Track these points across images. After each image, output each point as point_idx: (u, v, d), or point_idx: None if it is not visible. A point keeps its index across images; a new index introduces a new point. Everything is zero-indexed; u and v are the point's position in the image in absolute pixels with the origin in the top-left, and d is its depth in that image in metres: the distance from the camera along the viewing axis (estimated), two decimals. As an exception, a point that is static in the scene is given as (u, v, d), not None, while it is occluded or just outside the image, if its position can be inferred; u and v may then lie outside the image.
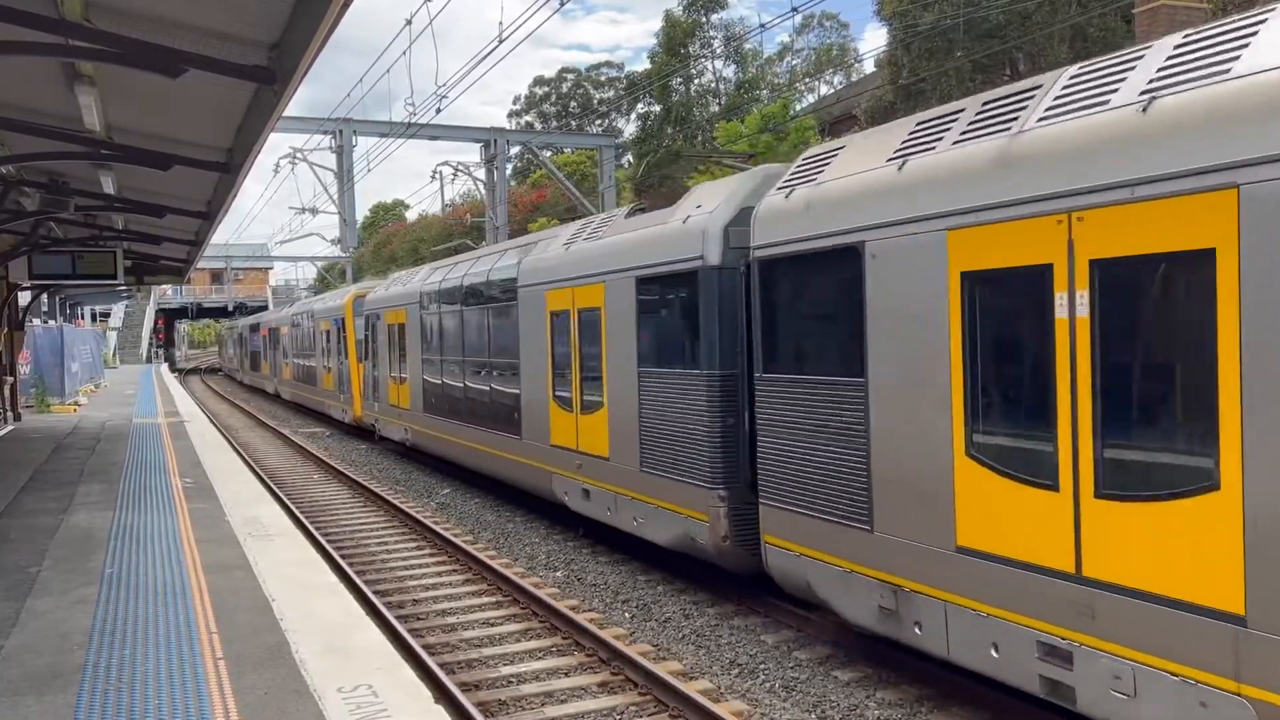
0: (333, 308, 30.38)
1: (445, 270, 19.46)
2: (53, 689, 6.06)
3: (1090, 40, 26.90)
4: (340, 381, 29.05)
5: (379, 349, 23.67)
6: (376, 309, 23.90)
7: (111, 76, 8.69)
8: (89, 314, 58.77)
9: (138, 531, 10.71)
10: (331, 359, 30.33)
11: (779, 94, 47.23)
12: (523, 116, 73.33)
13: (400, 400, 21.74)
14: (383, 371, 23.39)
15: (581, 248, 13.08)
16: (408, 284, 21.71)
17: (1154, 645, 5.64)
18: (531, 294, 14.43)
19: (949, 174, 7.02)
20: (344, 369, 28.40)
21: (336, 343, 29.28)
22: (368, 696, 5.86)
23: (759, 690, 8.33)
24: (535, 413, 14.41)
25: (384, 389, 23.26)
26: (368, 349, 24.98)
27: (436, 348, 19.22)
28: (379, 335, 23.55)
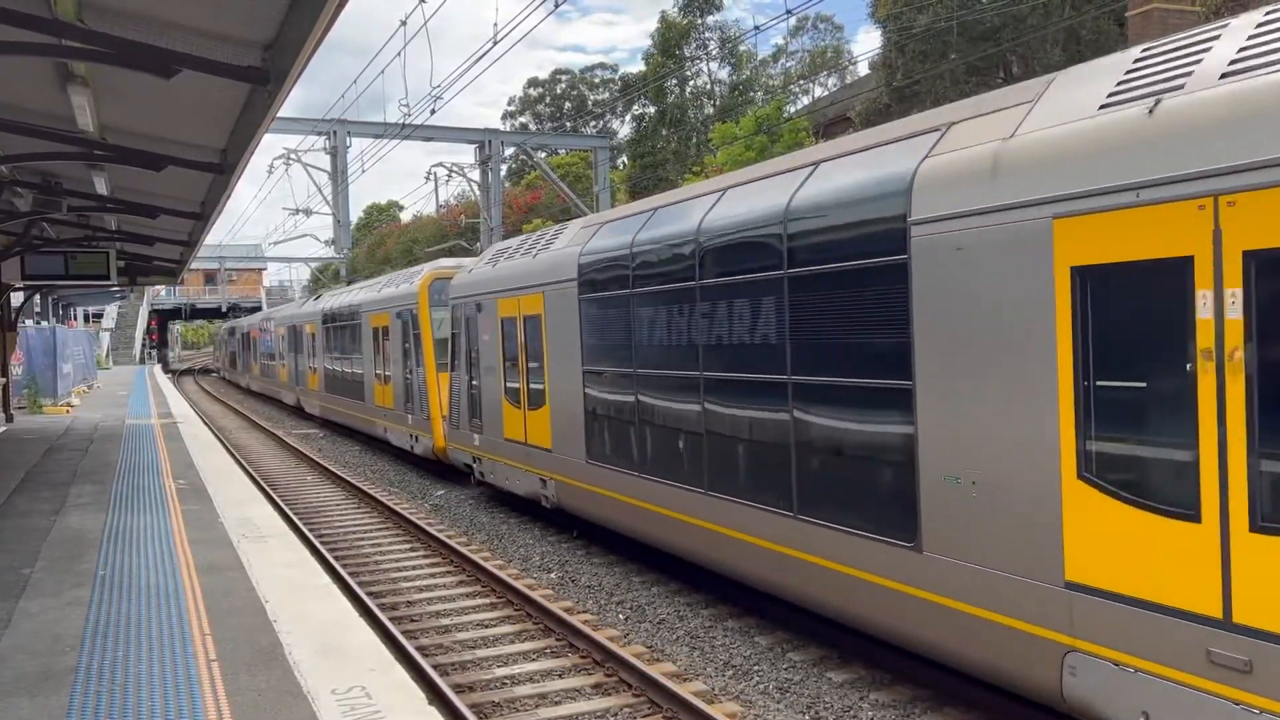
0: (394, 297, 22.50)
1: (641, 220, 11.38)
2: (45, 690, 6.04)
3: (1083, 43, 26.97)
4: (406, 397, 21.24)
5: (483, 352, 15.93)
6: (478, 294, 16.10)
7: (105, 77, 8.67)
8: (82, 315, 58.60)
9: (131, 533, 10.69)
10: (390, 365, 22.62)
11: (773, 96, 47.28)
12: (517, 118, 73.32)
13: (532, 434, 14.07)
14: (490, 386, 15.67)
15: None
16: (548, 250, 13.69)
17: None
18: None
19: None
20: (414, 380, 20.69)
21: (400, 343, 21.63)
22: (361, 698, 5.85)
23: (753, 691, 8.34)
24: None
25: (493, 413, 15.52)
26: (460, 352, 17.13)
27: (624, 352, 11.40)
28: (481, 332, 16.00)
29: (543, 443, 13.72)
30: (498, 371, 15.34)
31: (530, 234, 15.76)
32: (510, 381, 14.90)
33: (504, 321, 15.01)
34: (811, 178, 8.60)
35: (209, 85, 8.46)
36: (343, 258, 52.05)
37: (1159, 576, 5.50)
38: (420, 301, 20.50)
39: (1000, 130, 6.77)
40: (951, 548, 6.92)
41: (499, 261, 15.68)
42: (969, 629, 6.80)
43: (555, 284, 13.10)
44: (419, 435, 20.65)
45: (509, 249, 15.89)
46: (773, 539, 8.85)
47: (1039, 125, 6.45)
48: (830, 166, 8.51)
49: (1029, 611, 6.33)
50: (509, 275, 14.88)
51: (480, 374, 16.14)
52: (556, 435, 13.30)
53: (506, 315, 14.87)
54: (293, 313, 37.80)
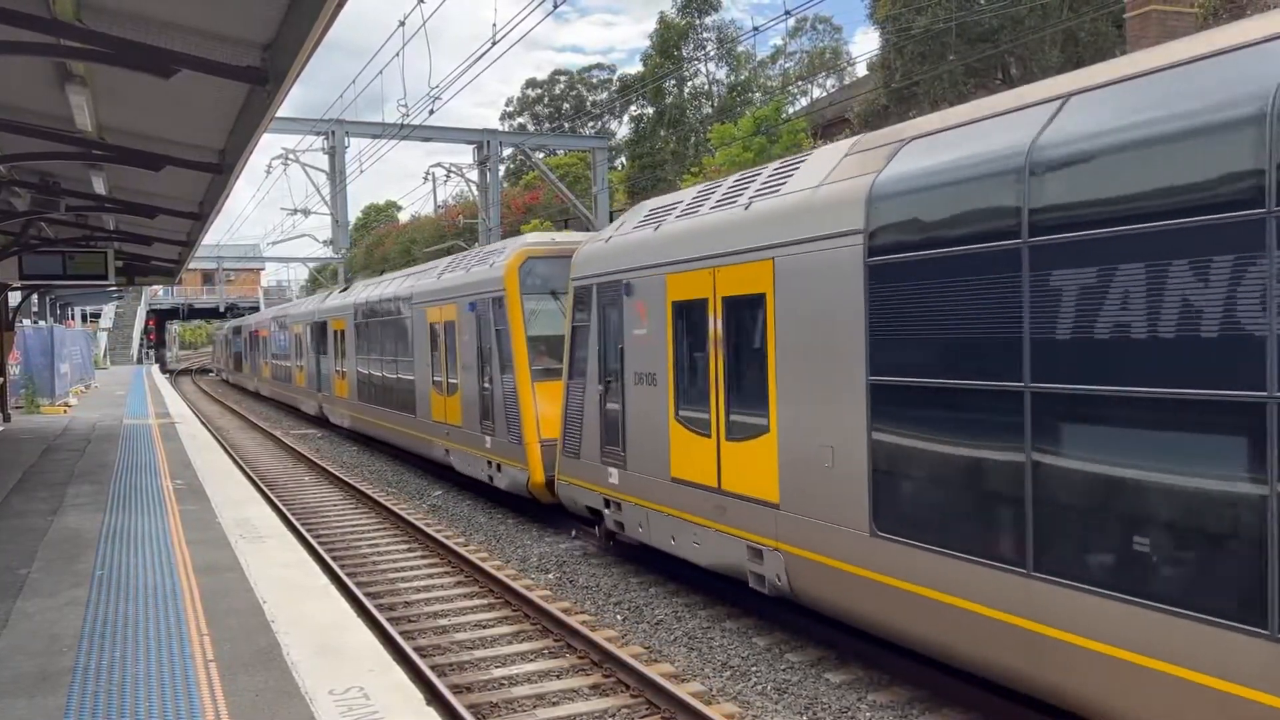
0: (464, 284, 17.47)
1: (1047, 113, 6.61)
2: (42, 691, 6.03)
3: (1081, 45, 27.01)
4: (484, 412, 16.44)
5: (633, 353, 11.50)
6: (624, 271, 11.61)
7: (103, 76, 8.67)
8: (79, 314, 58.57)
9: (128, 533, 10.68)
10: (458, 370, 17.75)
11: (771, 97, 47.32)
12: (516, 118, 73.31)
13: (735, 477, 9.61)
14: (647, 402, 11.18)
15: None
16: (779, 195, 9.18)
17: None
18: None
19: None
20: (495, 390, 15.84)
21: (476, 342, 16.76)
22: (359, 699, 5.85)
23: (751, 693, 8.34)
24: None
25: (651, 441, 11.10)
26: (586, 354, 12.65)
27: (1000, 356, 6.64)
28: (630, 325, 11.50)
29: (759, 492, 9.08)
30: (663, 381, 10.70)
31: (711, 183, 11.10)
32: (690, 397, 10.31)
33: (680, 309, 10.44)
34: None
35: (208, 85, 8.46)
36: (340, 258, 52.04)
37: None
38: (508, 288, 15.37)
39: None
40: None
41: (662, 222, 11.06)
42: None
43: (804, 245, 8.39)
44: (504, 463, 15.44)
45: (676, 204, 11.27)
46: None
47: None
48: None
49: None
50: (686, 239, 10.34)
51: (626, 384, 11.48)
52: (793, 483, 8.67)
53: (685, 299, 10.29)
54: (314, 307, 32.21)
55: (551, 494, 14.11)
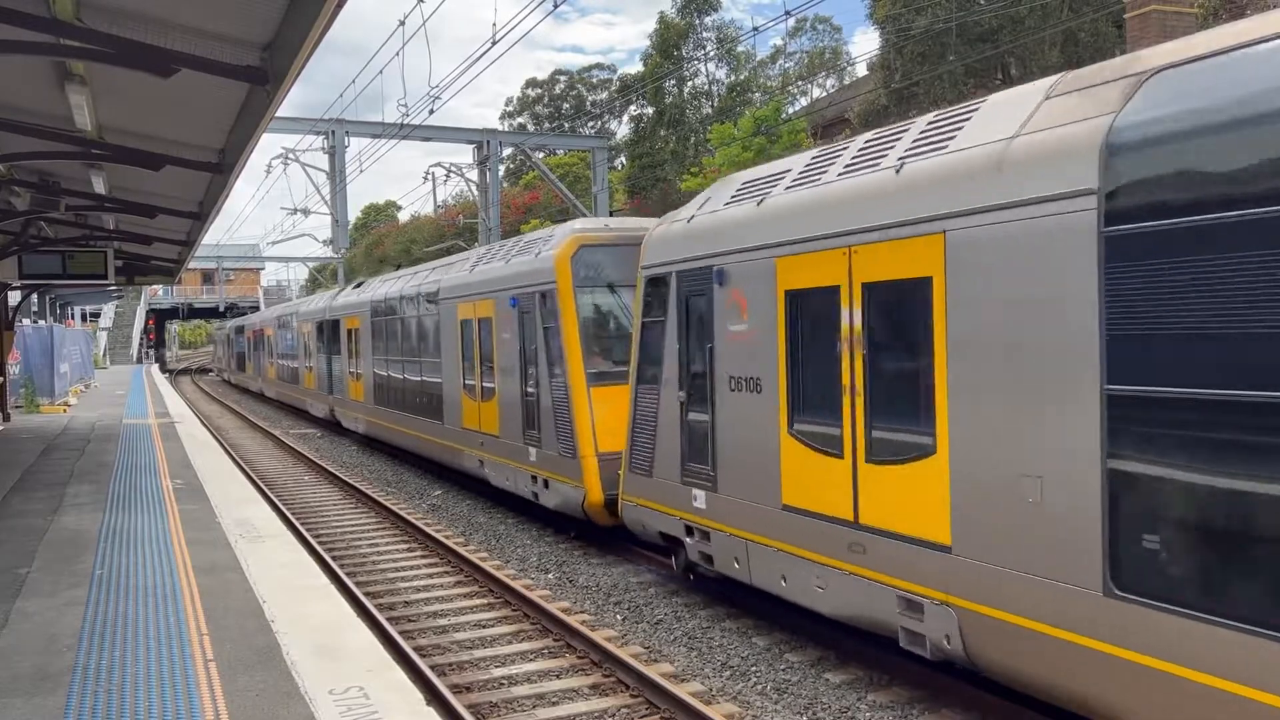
0: (504, 276, 15.44)
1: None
2: (42, 691, 6.03)
3: (1081, 45, 27.02)
4: (528, 420, 14.55)
5: (726, 353, 9.71)
6: (714, 256, 9.85)
7: (103, 76, 8.67)
8: (79, 314, 58.57)
9: (128, 533, 10.68)
10: (497, 373, 15.70)
11: (771, 97, 47.34)
12: (515, 118, 73.34)
13: (878, 508, 7.79)
14: (745, 411, 9.42)
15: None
16: (1021, 140, 6.69)
17: None
18: None
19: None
20: (542, 395, 13.93)
21: (519, 341, 14.78)
22: (359, 698, 5.85)
23: (751, 692, 8.34)
24: None
25: (752, 458, 9.31)
26: (662, 355, 10.77)
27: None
28: (723, 319, 9.71)
29: (918, 529, 7.23)
30: (772, 388, 8.85)
31: (827, 147, 9.36)
32: (811, 407, 8.48)
33: (796, 299, 8.61)
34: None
35: (207, 85, 8.47)
36: (340, 258, 52.02)
37: None
38: (559, 280, 13.43)
39: None
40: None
41: (767, 195, 9.19)
42: None
43: (993, 214, 6.61)
44: (553, 479, 13.64)
45: (782, 173, 9.39)
46: None
47: None
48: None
49: None
50: (805, 214, 8.53)
51: (717, 391, 9.66)
52: (973, 521, 6.80)
53: (804, 286, 8.45)
54: (324, 304, 30.32)
55: (612, 516, 12.36)
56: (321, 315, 30.32)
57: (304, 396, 34.12)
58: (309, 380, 32.89)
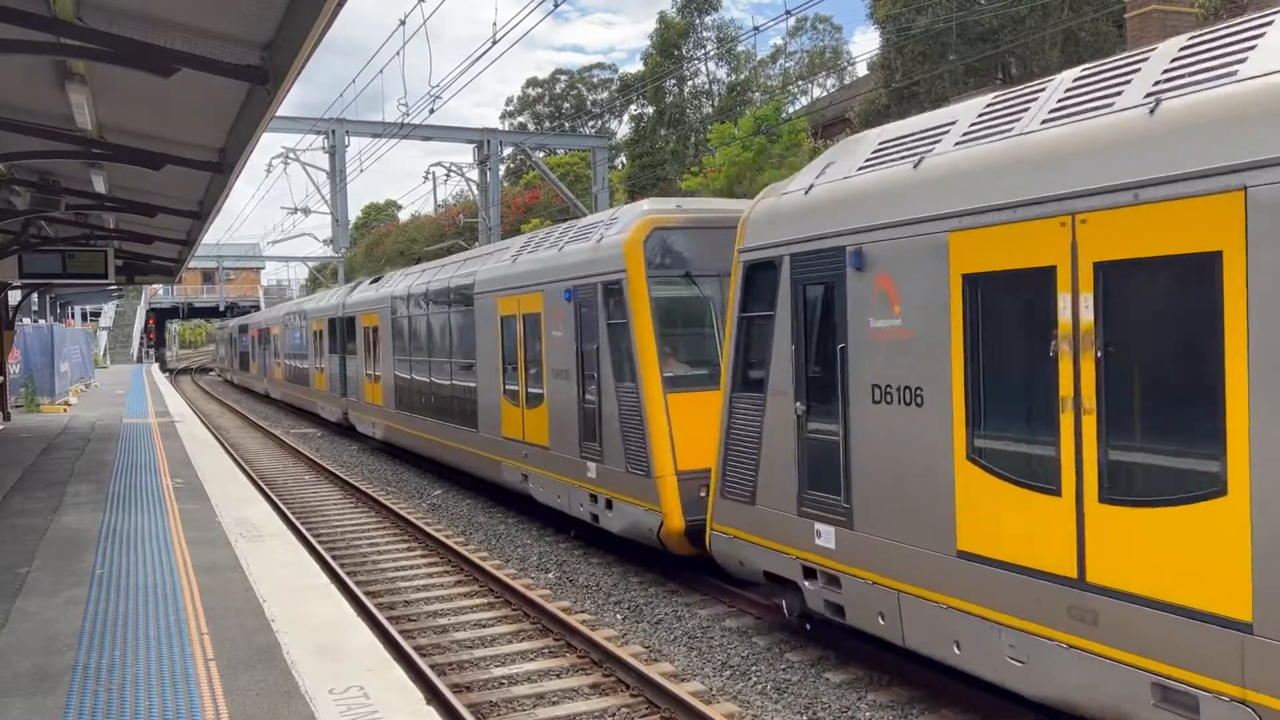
0: (559, 266, 13.45)
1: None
2: (42, 690, 6.03)
3: (1082, 45, 27.01)
4: (586, 430, 12.67)
5: (875, 356, 7.76)
6: (855, 233, 7.85)
7: (103, 75, 8.67)
8: (79, 313, 58.59)
9: (128, 532, 10.68)
10: (547, 377, 13.79)
11: (772, 96, 47.33)
12: (516, 118, 73.34)
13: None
14: (904, 425, 7.45)
15: None
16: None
17: None
18: None
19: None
20: (605, 401, 12.16)
21: (575, 340, 12.86)
22: (359, 698, 5.84)
23: (751, 692, 8.34)
24: None
25: (913, 486, 7.37)
26: (768, 356, 9.03)
27: None
28: (862, 312, 7.86)
29: (1196, 597, 5.49)
30: (940, 398, 7.05)
31: (1022, 88, 7.24)
32: (1004, 425, 6.74)
33: (980, 285, 6.78)
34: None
35: (208, 84, 8.47)
36: (340, 257, 52.03)
37: None
38: (630, 269, 11.56)
39: None
40: None
41: (928, 154, 7.37)
42: None
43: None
44: (618, 499, 11.88)
45: (945, 125, 7.55)
46: None
47: None
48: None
49: None
50: (995, 172, 6.72)
51: (853, 401, 7.85)
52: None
53: (995, 268, 6.65)
54: (338, 300, 28.46)
55: (695, 546, 10.75)
56: (334, 312, 28.47)
57: (314, 399, 32.27)
58: (320, 382, 30.96)
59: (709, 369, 11.29)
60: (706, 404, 10.56)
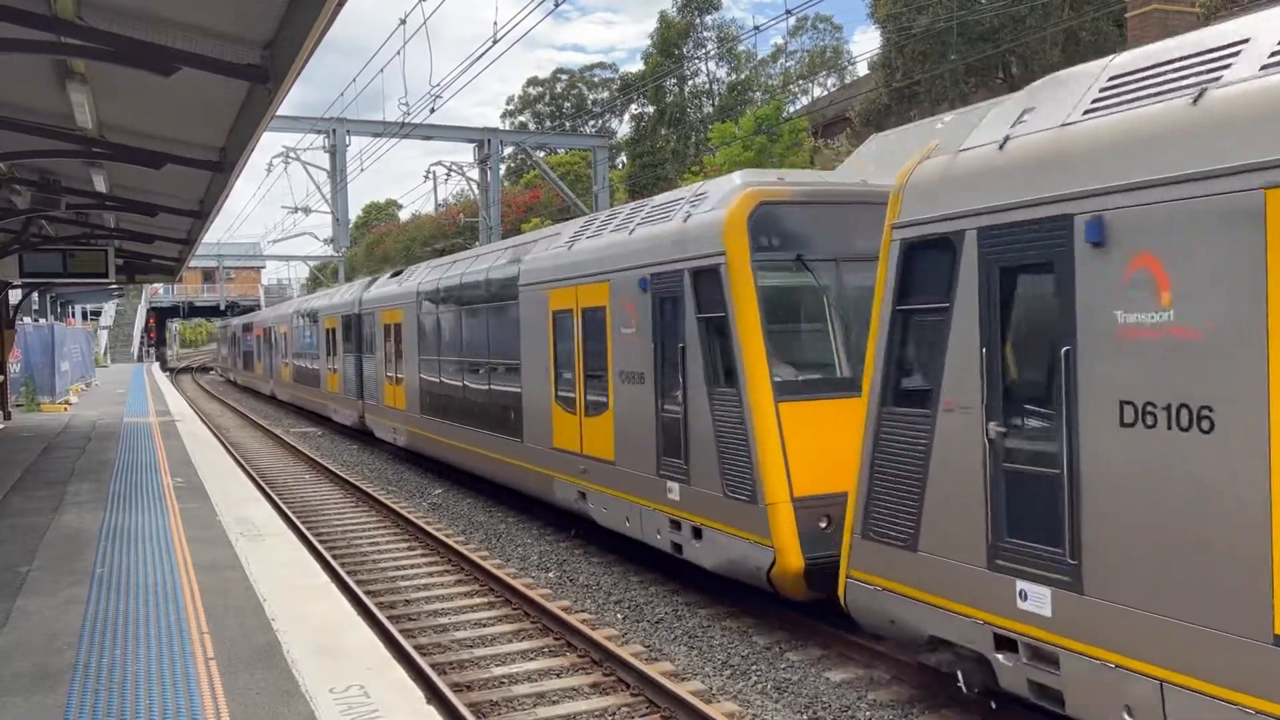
0: (628, 252, 11.74)
1: None
2: (42, 689, 6.03)
3: (1082, 44, 27.01)
4: (665, 441, 10.85)
5: (1114, 362, 5.80)
6: (1069, 199, 6.01)
7: (103, 74, 8.67)
8: (80, 312, 58.61)
9: (128, 531, 10.68)
10: (614, 382, 11.95)
11: (772, 96, 47.33)
12: (516, 117, 73.37)
13: None
14: (1166, 468, 5.50)
15: None
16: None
17: None
18: None
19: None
20: (692, 410, 10.32)
21: (645, 335, 11.22)
22: (359, 697, 5.85)
23: (751, 691, 8.34)
24: None
25: (1201, 547, 5.34)
26: (964, 353, 6.85)
27: None
28: (1093, 302, 5.91)
29: None
30: (1252, 425, 5.13)
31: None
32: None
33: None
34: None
35: (208, 83, 8.46)
36: (341, 256, 52.05)
37: None
38: (733, 252, 9.67)
39: None
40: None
41: (1214, 83, 5.50)
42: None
43: None
44: (712, 528, 9.95)
45: (1229, 48, 5.67)
46: None
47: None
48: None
49: None
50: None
51: (1082, 424, 6.05)
52: None
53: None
54: (354, 296, 26.73)
55: (815, 590, 8.97)
56: (349, 309, 26.61)
57: (327, 401, 30.27)
58: (332, 383, 29.06)
59: (828, 372, 9.65)
60: (826, 414, 9.14)
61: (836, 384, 9.42)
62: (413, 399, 20.63)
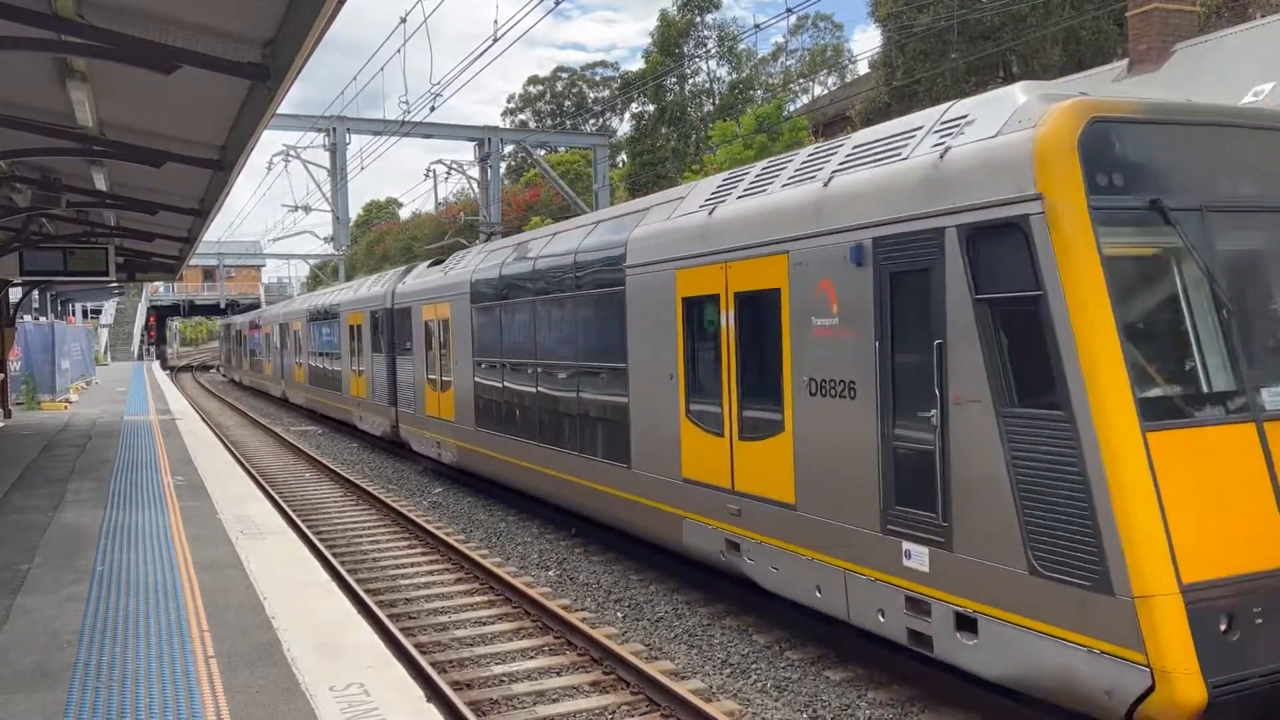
0: (831, 207, 8.27)
1: None
2: (43, 687, 6.03)
3: (1083, 43, 27.00)
4: (905, 483, 7.49)
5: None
6: None
7: (104, 73, 8.67)
8: (80, 311, 58.64)
9: (128, 529, 10.69)
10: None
11: (773, 94, 47.31)
12: (517, 115, 73.35)
13: None
14: None
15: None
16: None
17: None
18: None
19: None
20: (958, 441, 6.91)
21: (865, 330, 7.82)
22: (359, 695, 5.85)
23: (751, 690, 8.34)
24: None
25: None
26: None
27: None
28: None
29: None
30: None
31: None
32: None
33: None
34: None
35: (209, 81, 8.46)
36: (341, 254, 52.03)
37: None
38: (1055, 191, 6.32)
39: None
40: None
41: None
42: None
43: None
44: (1004, 621, 6.64)
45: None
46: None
47: None
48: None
49: None
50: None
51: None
52: None
53: None
54: (386, 289, 23.51)
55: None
56: (381, 303, 23.50)
57: (349, 407, 27.24)
58: (357, 387, 26.01)
59: (1217, 382, 6.47)
60: (1225, 449, 6.22)
61: (1236, 405, 6.42)
62: (464, 409, 17.57)
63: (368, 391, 24.84)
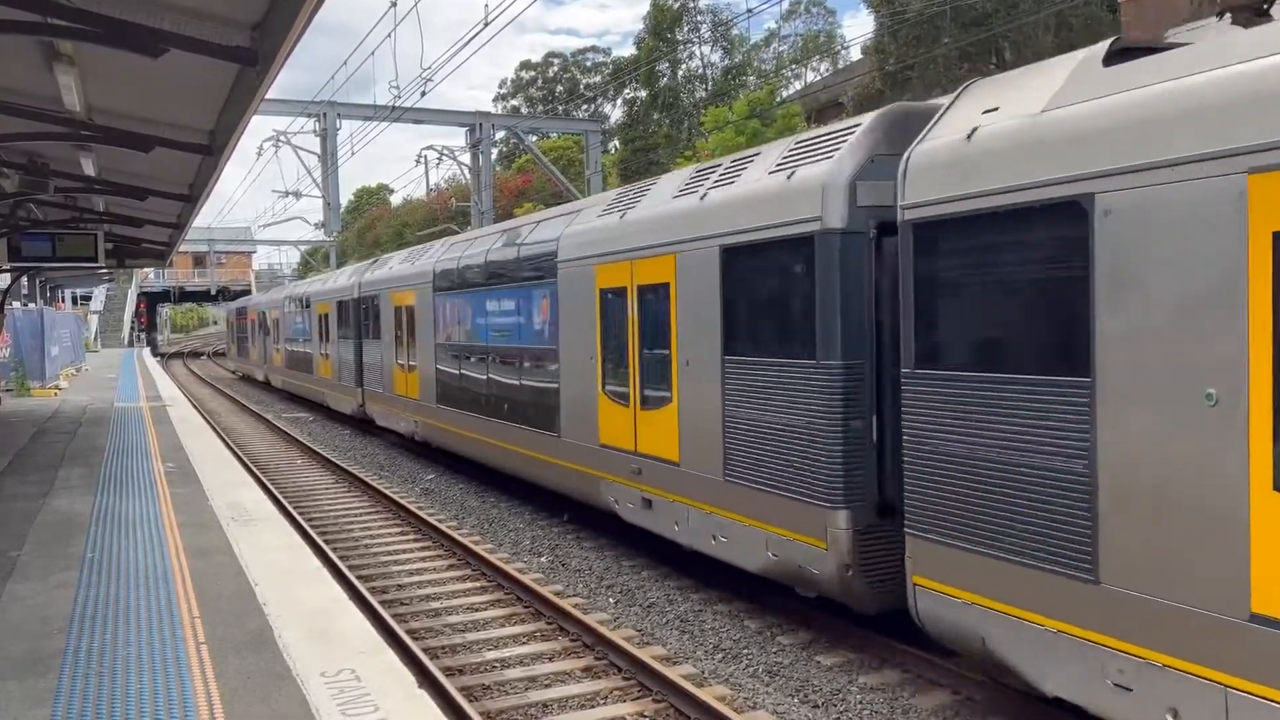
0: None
1: None
2: (33, 673, 6.02)
3: (1075, 30, 26.98)
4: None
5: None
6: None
7: (91, 56, 8.59)
8: (70, 297, 58.33)
9: (119, 516, 10.66)
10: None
11: (765, 80, 47.20)
12: (508, 101, 73.07)
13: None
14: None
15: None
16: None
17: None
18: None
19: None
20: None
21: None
22: (351, 681, 5.85)
23: (742, 675, 8.37)
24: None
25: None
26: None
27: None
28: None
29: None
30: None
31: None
32: None
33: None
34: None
35: (197, 65, 8.39)
36: (333, 240, 51.87)
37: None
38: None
39: None
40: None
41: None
42: None
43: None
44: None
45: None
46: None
47: None
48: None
49: None
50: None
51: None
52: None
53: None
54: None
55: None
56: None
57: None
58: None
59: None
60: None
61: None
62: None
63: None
